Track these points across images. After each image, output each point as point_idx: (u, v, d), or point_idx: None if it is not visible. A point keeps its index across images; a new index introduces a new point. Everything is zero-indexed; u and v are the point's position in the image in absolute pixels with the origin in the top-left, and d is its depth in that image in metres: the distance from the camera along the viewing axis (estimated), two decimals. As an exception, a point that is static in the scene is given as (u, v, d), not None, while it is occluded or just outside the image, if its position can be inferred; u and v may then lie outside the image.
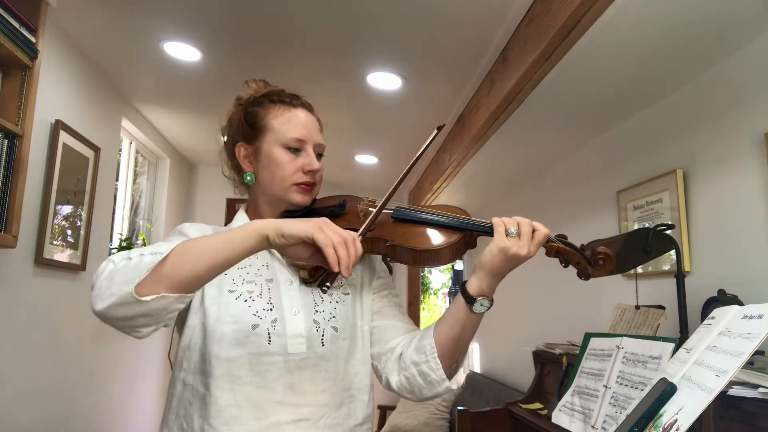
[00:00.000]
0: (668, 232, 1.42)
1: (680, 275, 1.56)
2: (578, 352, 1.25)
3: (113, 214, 3.24)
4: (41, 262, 2.26)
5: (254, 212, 1.12)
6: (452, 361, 1.02)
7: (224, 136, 1.14)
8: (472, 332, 1.00)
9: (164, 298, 0.79)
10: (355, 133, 3.48)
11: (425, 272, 7.82)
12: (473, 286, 0.96)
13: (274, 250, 1.06)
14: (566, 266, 1.00)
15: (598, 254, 0.97)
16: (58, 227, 2.40)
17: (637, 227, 2.28)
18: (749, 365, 1.29)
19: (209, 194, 4.63)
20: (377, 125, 3.34)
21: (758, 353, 1.27)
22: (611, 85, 2.12)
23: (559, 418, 1.16)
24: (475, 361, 4.62)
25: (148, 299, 0.78)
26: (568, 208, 2.99)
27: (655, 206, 2.18)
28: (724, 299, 1.62)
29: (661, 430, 0.71)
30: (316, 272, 1.05)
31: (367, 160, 4.10)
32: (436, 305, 9.46)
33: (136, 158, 3.70)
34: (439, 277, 9.31)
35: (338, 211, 1.09)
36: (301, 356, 0.97)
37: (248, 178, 1.08)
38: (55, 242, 2.37)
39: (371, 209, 1.04)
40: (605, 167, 2.63)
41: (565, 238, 1.01)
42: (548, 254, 1.01)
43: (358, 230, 0.97)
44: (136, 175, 3.76)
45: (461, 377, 4.34)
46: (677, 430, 0.68)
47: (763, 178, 1.69)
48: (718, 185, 1.89)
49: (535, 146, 2.96)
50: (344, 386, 1.01)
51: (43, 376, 2.34)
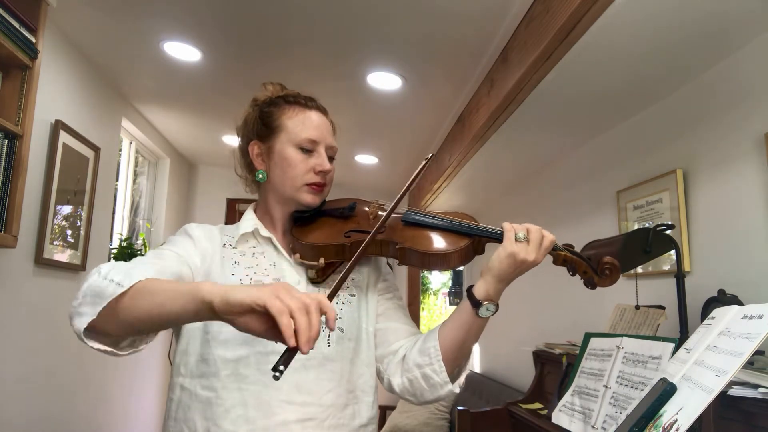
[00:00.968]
0: (668, 232, 1.42)
1: (680, 275, 1.57)
2: (578, 352, 1.25)
3: (113, 214, 3.24)
4: (41, 262, 2.26)
5: (263, 211, 1.13)
6: (456, 364, 1.03)
7: (239, 135, 1.16)
8: (476, 336, 1.01)
9: (111, 352, 0.83)
10: (355, 133, 3.48)
11: (425, 273, 7.82)
12: (480, 290, 0.97)
13: (282, 250, 1.07)
14: (573, 275, 1.03)
15: (604, 264, 0.99)
16: (58, 227, 2.40)
17: (637, 227, 2.28)
18: (749, 365, 1.29)
19: (209, 194, 4.63)
20: (377, 125, 3.34)
21: (758, 353, 1.27)
22: (611, 85, 2.12)
23: (559, 418, 1.16)
24: (475, 361, 4.62)
25: (93, 345, 0.81)
26: (568, 208, 2.99)
27: (655, 206, 2.18)
28: (724, 299, 1.62)
29: (661, 430, 0.71)
30: (324, 272, 1.05)
31: (367, 160, 4.10)
32: (436, 305, 9.46)
33: (136, 158, 3.70)
34: (439, 277, 9.32)
35: (348, 213, 1.10)
36: (307, 356, 0.97)
37: (260, 176, 1.09)
38: (55, 242, 2.37)
39: (381, 213, 1.05)
40: (605, 167, 2.63)
41: (572, 247, 1.03)
42: (555, 262, 1.02)
43: (366, 233, 0.97)
44: (136, 175, 3.76)
45: (462, 379, 4.34)
46: (677, 430, 0.68)
47: (763, 178, 1.69)
48: (718, 185, 1.89)
49: (535, 146, 2.96)
50: (349, 387, 1.02)
51: (43, 376, 2.34)
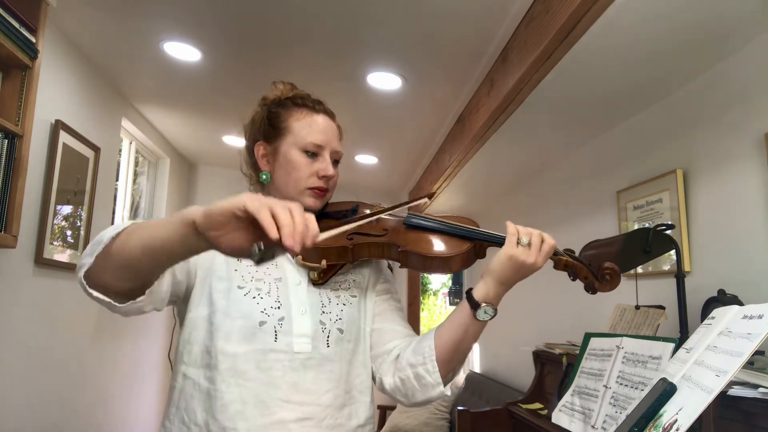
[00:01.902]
0: (668, 232, 1.42)
1: (680, 275, 1.57)
2: (578, 352, 1.25)
3: (113, 214, 3.24)
4: (41, 262, 2.26)
5: None
6: (450, 367, 1.02)
7: (246, 134, 1.16)
8: (473, 339, 1.01)
9: (109, 303, 0.82)
10: (355, 133, 3.48)
11: (426, 274, 7.81)
12: (479, 292, 0.97)
13: None
14: (574, 280, 1.03)
15: (605, 270, 1.00)
16: (58, 227, 2.40)
17: (637, 227, 2.28)
18: (749, 365, 1.29)
19: (209, 194, 4.62)
20: (377, 125, 3.34)
21: (758, 353, 1.27)
22: (611, 85, 2.12)
23: (559, 418, 1.16)
24: (475, 361, 4.62)
25: (92, 293, 0.81)
26: (568, 208, 2.99)
27: (655, 206, 2.18)
28: (724, 299, 1.62)
29: (661, 430, 0.71)
30: (325, 274, 1.05)
31: (367, 160, 4.10)
32: (435, 306, 9.46)
33: (136, 158, 3.70)
34: (439, 277, 9.32)
35: (350, 215, 1.10)
36: (305, 356, 0.97)
37: (264, 176, 1.09)
38: (55, 242, 2.37)
39: (383, 216, 1.06)
40: (605, 167, 2.63)
41: (573, 252, 1.04)
42: (556, 267, 1.03)
43: (368, 236, 0.97)
44: (136, 175, 3.75)
45: (460, 379, 4.34)
46: (677, 430, 0.68)
47: (763, 178, 1.69)
48: (718, 185, 1.89)
49: (535, 146, 2.96)
50: (347, 388, 1.02)
51: (43, 375, 2.34)
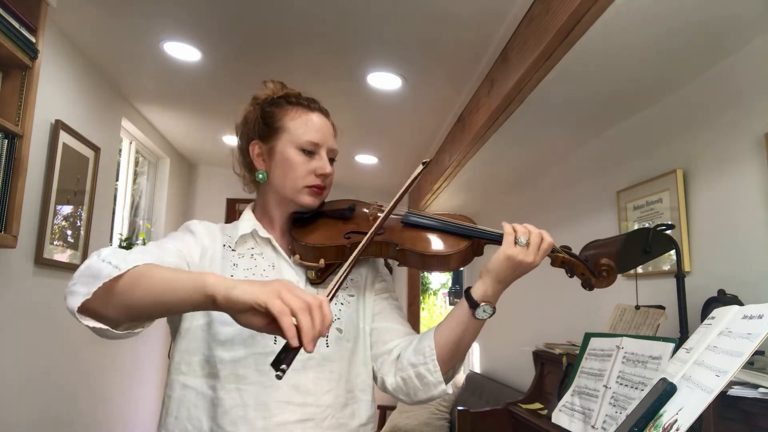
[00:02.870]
0: (668, 232, 1.42)
1: (680, 275, 1.57)
2: (578, 352, 1.25)
3: (113, 214, 3.24)
4: (41, 262, 2.26)
5: (262, 211, 1.12)
6: (450, 365, 1.02)
7: (238, 133, 1.15)
8: (472, 338, 1.01)
9: (107, 331, 0.80)
10: (355, 133, 3.48)
11: (425, 273, 7.82)
12: (478, 291, 0.98)
13: (281, 251, 1.07)
14: (571, 276, 1.03)
15: (602, 266, 1.00)
16: (58, 227, 2.40)
17: (637, 227, 2.28)
18: (749, 365, 1.29)
19: (209, 194, 4.63)
20: (377, 125, 3.34)
21: (758, 353, 1.27)
22: (611, 85, 2.12)
23: (559, 418, 1.16)
24: (475, 361, 4.62)
25: (86, 322, 0.78)
26: (568, 208, 2.99)
27: (655, 206, 2.18)
28: (724, 299, 1.62)
29: (661, 430, 0.71)
30: (323, 273, 1.05)
31: (367, 160, 4.10)
32: (435, 305, 9.46)
33: (136, 158, 3.70)
34: (438, 277, 9.32)
35: (348, 214, 1.10)
36: (305, 356, 0.97)
37: (260, 176, 1.09)
38: (55, 242, 2.37)
39: (380, 214, 1.06)
40: (605, 167, 2.63)
41: (569, 249, 1.04)
42: (553, 264, 1.03)
43: (365, 234, 0.97)
44: (136, 175, 3.75)
45: (459, 378, 4.34)
46: (677, 430, 0.68)
47: (763, 178, 1.69)
48: (718, 185, 1.89)
49: (535, 146, 2.96)
50: (347, 387, 1.02)
51: (43, 376, 2.34)
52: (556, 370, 2.43)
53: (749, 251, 1.74)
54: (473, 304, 0.97)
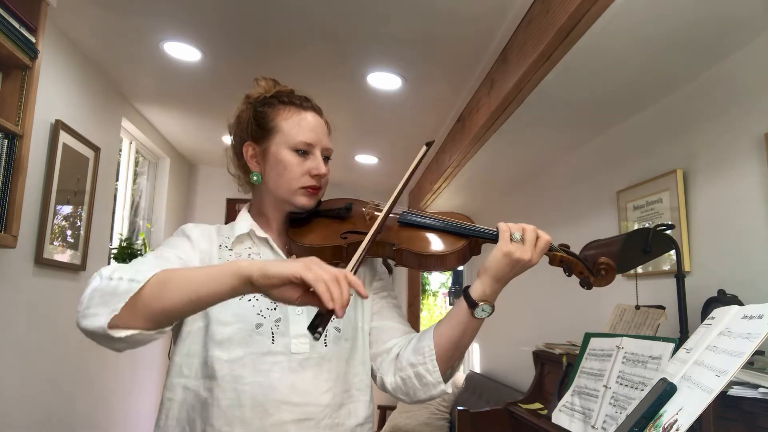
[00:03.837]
0: (668, 232, 1.42)
1: (680, 275, 1.57)
2: (578, 352, 1.25)
3: (113, 214, 3.24)
4: (41, 262, 2.26)
5: (258, 212, 1.12)
6: (449, 364, 1.02)
7: (231, 133, 1.14)
8: (471, 337, 1.01)
9: (140, 334, 0.79)
10: (355, 133, 3.48)
11: (425, 273, 7.82)
12: (476, 290, 0.97)
13: (278, 250, 1.07)
14: (570, 275, 1.02)
15: (600, 264, 0.99)
16: (58, 227, 2.40)
17: (637, 227, 2.28)
18: (749, 365, 1.29)
19: (209, 194, 4.63)
20: (377, 125, 3.34)
21: (758, 353, 1.26)
22: (611, 85, 2.12)
23: (559, 418, 1.16)
24: (475, 361, 4.62)
25: (120, 335, 0.77)
26: (568, 208, 2.99)
27: (655, 206, 2.18)
28: (724, 299, 1.62)
29: (661, 430, 0.71)
30: None
31: (367, 160, 4.10)
32: (435, 306, 9.46)
33: (136, 158, 3.70)
34: (438, 277, 9.32)
35: (344, 214, 1.09)
36: (304, 356, 0.97)
37: (254, 178, 1.08)
38: (55, 242, 2.37)
39: (377, 213, 1.05)
40: (605, 167, 2.63)
41: (568, 247, 1.03)
42: (552, 263, 1.02)
43: (363, 234, 0.97)
44: (136, 175, 3.76)
45: (459, 378, 4.34)
46: (677, 430, 0.68)
47: (763, 178, 1.69)
48: (718, 185, 1.89)
49: (535, 146, 2.96)
50: (345, 387, 1.01)
51: (43, 376, 2.34)
52: (556, 370, 2.43)
53: (749, 251, 1.74)
54: (472, 303, 0.96)
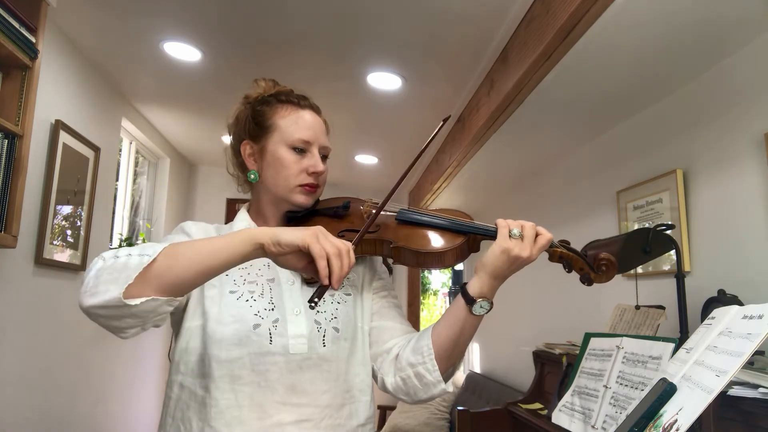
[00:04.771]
0: (668, 232, 1.42)
1: (680, 275, 1.57)
2: (578, 352, 1.25)
3: (113, 214, 3.24)
4: (41, 262, 2.26)
5: (256, 212, 1.12)
6: (449, 363, 1.01)
7: (230, 133, 1.14)
8: (470, 334, 1.00)
9: (154, 301, 0.79)
10: (355, 133, 3.48)
11: (425, 272, 7.82)
12: (474, 287, 0.97)
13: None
14: (569, 271, 1.01)
15: (601, 260, 0.98)
16: (58, 227, 2.40)
17: (637, 227, 2.28)
18: (749, 365, 1.29)
19: (209, 194, 4.63)
20: (377, 125, 3.34)
21: (758, 353, 1.26)
22: (611, 85, 2.12)
23: (559, 418, 1.16)
24: (475, 361, 4.62)
25: (136, 303, 0.77)
26: (568, 208, 2.99)
27: (655, 206, 2.18)
28: (724, 299, 1.62)
29: (661, 430, 0.71)
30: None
31: (367, 160, 4.10)
32: (435, 305, 9.47)
33: (136, 158, 3.70)
34: (438, 277, 9.32)
35: (342, 212, 1.08)
36: (302, 356, 0.96)
37: (252, 176, 1.08)
38: (55, 242, 2.37)
39: (375, 211, 1.04)
40: (605, 167, 2.63)
41: (568, 243, 1.02)
42: (551, 259, 1.01)
43: (357, 234, 0.96)
44: (136, 175, 3.76)
45: (459, 378, 4.34)
46: (677, 430, 0.68)
47: (763, 178, 1.69)
48: (718, 185, 1.89)
49: (535, 146, 2.96)
50: (345, 387, 1.01)
51: (43, 376, 2.34)
52: (556, 370, 2.43)
53: (749, 251, 1.74)
54: (469, 300, 0.96)
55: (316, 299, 0.82)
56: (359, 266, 1.14)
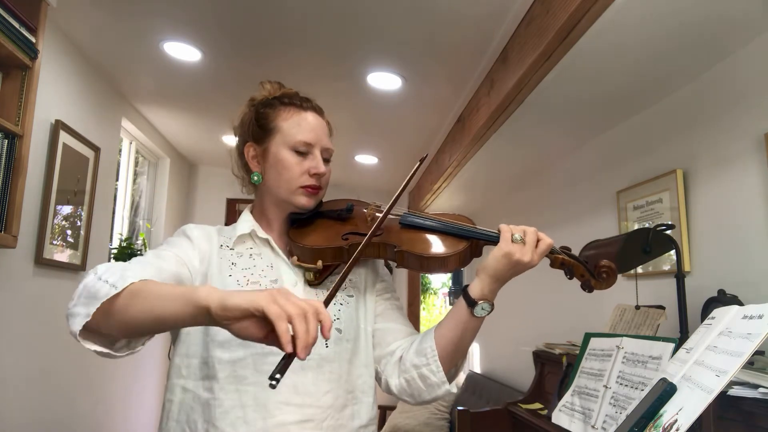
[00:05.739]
0: (668, 232, 1.42)
1: (680, 275, 1.57)
2: (578, 352, 1.25)
3: (113, 214, 3.24)
4: (41, 262, 2.26)
5: (260, 213, 1.12)
6: (452, 364, 1.02)
7: (236, 135, 1.15)
8: (472, 335, 1.01)
9: (104, 352, 0.81)
10: (355, 133, 3.48)
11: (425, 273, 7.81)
12: (475, 289, 0.97)
13: (279, 251, 1.06)
14: (571, 278, 1.02)
15: (602, 267, 0.99)
16: (58, 227, 2.40)
17: (637, 227, 2.28)
18: (749, 365, 1.29)
19: (209, 194, 4.63)
20: (377, 125, 3.34)
21: (758, 353, 1.26)
22: (611, 85, 2.12)
23: (559, 418, 1.16)
24: (475, 361, 4.62)
25: (88, 346, 0.79)
26: (568, 208, 2.99)
27: (655, 206, 2.18)
28: (724, 299, 1.62)
29: (661, 430, 0.71)
30: (321, 274, 1.05)
31: (367, 160, 4.10)
32: (435, 305, 9.47)
33: (136, 158, 3.70)
34: (439, 277, 9.32)
35: (345, 215, 1.09)
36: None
37: (255, 178, 1.09)
38: (55, 242, 2.37)
39: (378, 214, 1.05)
40: (605, 167, 2.63)
41: (569, 250, 1.03)
42: (553, 265, 1.02)
43: (364, 236, 0.97)
44: (136, 175, 3.75)
45: (459, 378, 4.34)
46: (677, 430, 0.68)
47: (763, 178, 1.69)
48: (718, 185, 1.89)
49: (535, 146, 2.96)
50: (348, 388, 1.01)
51: (43, 376, 2.34)
52: (556, 370, 2.43)
53: (749, 251, 1.74)
54: (471, 302, 0.97)
55: (278, 376, 0.68)
56: (361, 268, 1.14)
